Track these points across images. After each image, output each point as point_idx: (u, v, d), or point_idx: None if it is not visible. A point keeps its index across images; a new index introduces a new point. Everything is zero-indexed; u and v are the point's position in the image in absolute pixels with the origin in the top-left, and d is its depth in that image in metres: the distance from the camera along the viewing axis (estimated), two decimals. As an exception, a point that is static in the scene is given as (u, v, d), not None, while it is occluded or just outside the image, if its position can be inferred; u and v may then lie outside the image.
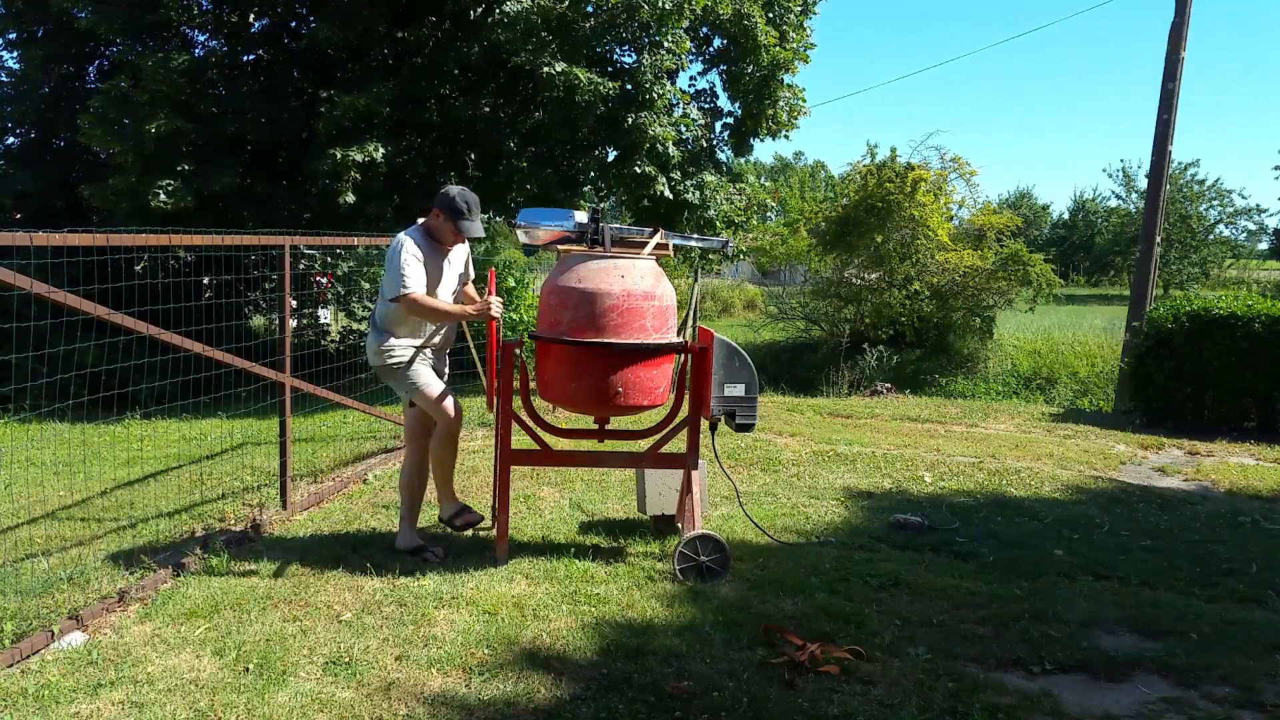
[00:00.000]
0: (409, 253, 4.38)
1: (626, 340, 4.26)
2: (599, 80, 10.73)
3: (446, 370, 4.88)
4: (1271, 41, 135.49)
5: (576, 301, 4.28)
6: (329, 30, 11.33)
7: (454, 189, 4.54)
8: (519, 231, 4.67)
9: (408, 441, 4.91)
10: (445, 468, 4.75)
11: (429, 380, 4.61)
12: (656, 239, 4.66)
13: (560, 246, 4.70)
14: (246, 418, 8.11)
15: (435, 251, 4.53)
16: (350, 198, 11.20)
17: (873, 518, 5.65)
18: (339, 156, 10.85)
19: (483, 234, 4.65)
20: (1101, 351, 15.33)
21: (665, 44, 11.35)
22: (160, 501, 5.66)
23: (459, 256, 4.71)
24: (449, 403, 4.63)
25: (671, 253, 4.72)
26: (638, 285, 4.29)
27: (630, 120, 11.16)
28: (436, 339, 4.70)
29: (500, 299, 4.63)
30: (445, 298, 4.59)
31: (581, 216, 4.62)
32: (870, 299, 16.47)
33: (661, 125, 11.28)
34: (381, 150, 11.10)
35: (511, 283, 15.02)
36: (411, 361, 4.57)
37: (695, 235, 5.37)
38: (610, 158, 12.49)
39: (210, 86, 12.13)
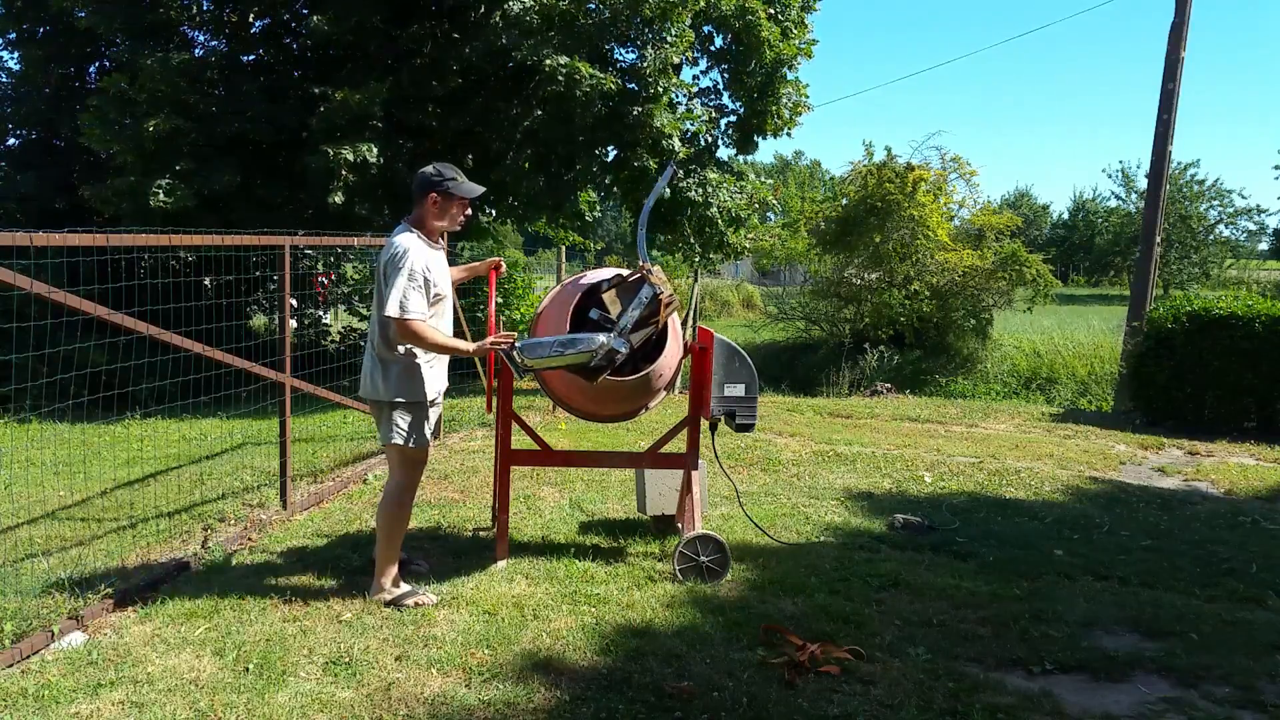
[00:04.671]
0: (416, 266, 3.84)
1: (633, 412, 4.70)
2: (600, 75, 10.68)
3: (446, 383, 4.46)
4: (1271, 41, 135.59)
5: (583, 407, 4.64)
6: (322, 22, 11.31)
7: (428, 168, 4.05)
8: (518, 358, 3.94)
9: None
10: (396, 540, 4.08)
11: (423, 437, 4.07)
12: (669, 310, 4.10)
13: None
14: (246, 418, 8.12)
15: (434, 250, 4.07)
16: (339, 198, 11.12)
17: (873, 518, 5.65)
18: (330, 154, 10.78)
19: (483, 189, 4.23)
20: (1101, 352, 15.32)
21: (669, 38, 11.32)
22: (160, 501, 5.66)
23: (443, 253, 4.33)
24: (420, 470, 4.17)
25: (679, 314, 4.29)
26: (653, 396, 4.56)
27: (635, 113, 11.11)
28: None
29: (510, 337, 4.11)
30: (449, 300, 4.25)
31: (601, 339, 3.97)
32: (870, 299, 16.47)
33: (666, 119, 11.24)
34: (375, 150, 11.01)
35: (520, 291, 15.04)
36: (423, 407, 4.04)
37: (653, 193, 4.83)
38: (610, 157, 12.46)
39: (210, 86, 12.11)
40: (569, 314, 4.19)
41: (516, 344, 3.92)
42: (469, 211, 4.20)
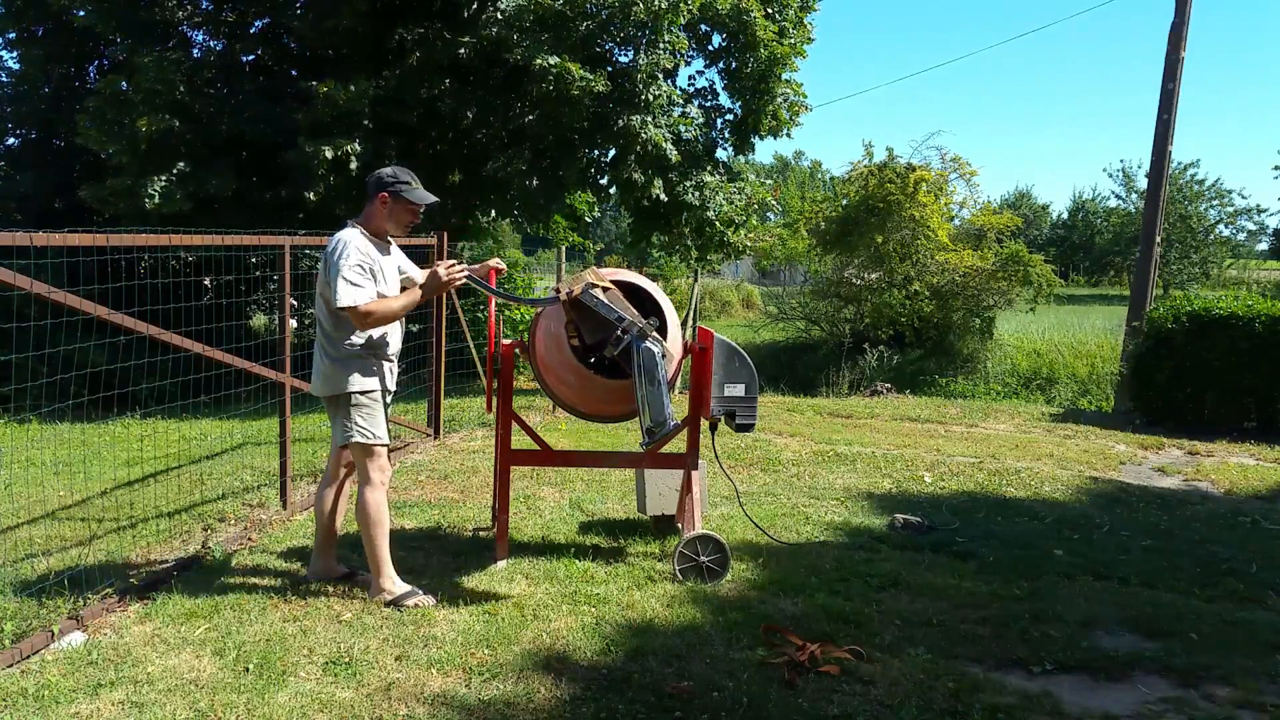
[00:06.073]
0: (355, 254, 3.83)
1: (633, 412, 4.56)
2: (590, 77, 10.65)
3: (395, 385, 4.25)
4: (1271, 41, 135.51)
5: (583, 408, 4.64)
6: (304, 25, 11.28)
7: (385, 169, 4.04)
8: (661, 431, 3.85)
9: (338, 481, 4.35)
10: (381, 540, 4.02)
11: (383, 431, 4.05)
12: (602, 280, 4.11)
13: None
14: (246, 418, 8.11)
15: (382, 250, 4.03)
16: (312, 196, 11.01)
17: (873, 518, 5.65)
18: (311, 150, 10.69)
19: (435, 199, 4.16)
20: (1101, 351, 15.32)
21: (662, 43, 11.29)
22: (160, 501, 5.66)
23: (398, 253, 4.21)
24: (386, 460, 4.12)
25: (680, 313, 4.35)
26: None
27: (620, 122, 11.07)
28: (395, 349, 4.15)
29: (452, 262, 4.00)
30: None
31: (646, 345, 3.94)
32: (870, 299, 16.46)
33: (656, 126, 11.21)
34: (359, 148, 10.88)
35: (520, 292, 15.03)
36: (376, 399, 4.02)
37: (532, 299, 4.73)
38: (609, 156, 12.44)
39: (208, 86, 12.09)
40: (564, 322, 4.19)
41: (648, 427, 3.81)
42: (418, 219, 4.13)
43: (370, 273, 3.88)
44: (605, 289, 4.04)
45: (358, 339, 3.95)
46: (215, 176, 11.22)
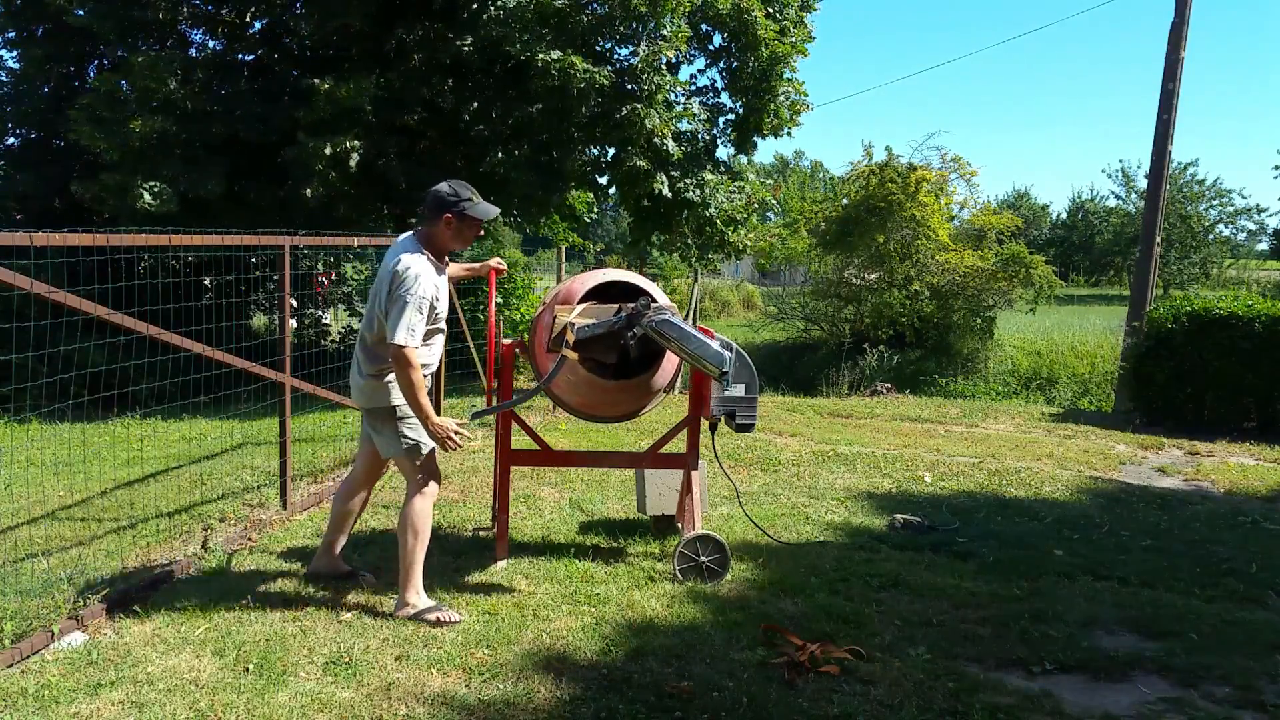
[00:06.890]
0: (426, 294, 3.74)
1: (633, 413, 4.71)
2: (594, 70, 10.63)
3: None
4: (1271, 41, 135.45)
5: (583, 408, 4.63)
6: (307, 27, 11.27)
7: (442, 186, 3.91)
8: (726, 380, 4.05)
9: (364, 483, 4.36)
10: (419, 551, 3.92)
11: (428, 438, 3.92)
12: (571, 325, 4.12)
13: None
14: (246, 418, 8.11)
15: (439, 270, 3.96)
16: (308, 193, 10.94)
17: (873, 518, 5.65)
18: (309, 146, 10.62)
19: (498, 210, 4.18)
20: (1101, 351, 15.31)
21: (663, 33, 11.28)
22: (160, 501, 5.66)
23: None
24: (437, 467, 4.06)
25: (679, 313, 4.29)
26: (652, 397, 4.58)
27: (623, 111, 11.06)
28: (433, 369, 4.09)
29: (458, 427, 3.85)
30: (444, 320, 4.09)
31: (652, 316, 4.00)
32: (870, 299, 16.45)
33: (659, 118, 11.20)
34: (358, 144, 10.82)
35: (520, 291, 15.00)
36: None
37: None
38: (609, 155, 12.44)
39: (204, 86, 12.06)
40: (582, 367, 4.22)
41: (718, 375, 3.98)
42: (481, 232, 4.09)
43: (433, 304, 3.83)
44: (580, 313, 4.13)
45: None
46: (209, 176, 11.19)
